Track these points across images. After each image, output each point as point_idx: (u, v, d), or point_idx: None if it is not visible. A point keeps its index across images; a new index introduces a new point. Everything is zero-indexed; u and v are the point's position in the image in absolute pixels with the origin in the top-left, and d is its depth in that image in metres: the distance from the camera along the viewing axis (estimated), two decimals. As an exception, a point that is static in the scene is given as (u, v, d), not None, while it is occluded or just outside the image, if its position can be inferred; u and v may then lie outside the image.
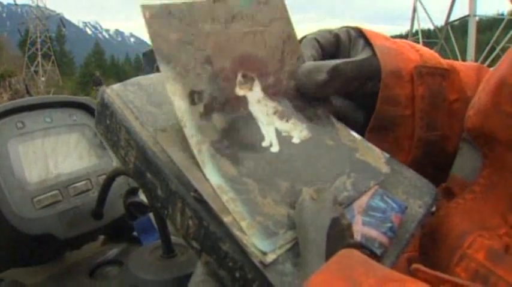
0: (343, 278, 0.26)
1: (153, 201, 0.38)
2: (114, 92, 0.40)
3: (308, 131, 0.42)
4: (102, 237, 0.74)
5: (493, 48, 21.04)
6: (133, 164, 0.39)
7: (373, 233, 0.37)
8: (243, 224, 0.32)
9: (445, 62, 0.50)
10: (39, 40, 55.50)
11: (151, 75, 0.43)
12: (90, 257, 0.68)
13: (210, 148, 0.35)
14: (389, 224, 0.38)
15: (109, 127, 0.40)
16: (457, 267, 0.39)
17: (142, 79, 0.43)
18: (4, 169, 0.56)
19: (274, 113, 0.41)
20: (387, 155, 0.44)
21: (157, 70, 0.39)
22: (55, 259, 0.67)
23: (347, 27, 0.51)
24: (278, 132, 0.40)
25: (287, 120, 0.41)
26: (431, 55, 0.49)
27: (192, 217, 0.34)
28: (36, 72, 50.54)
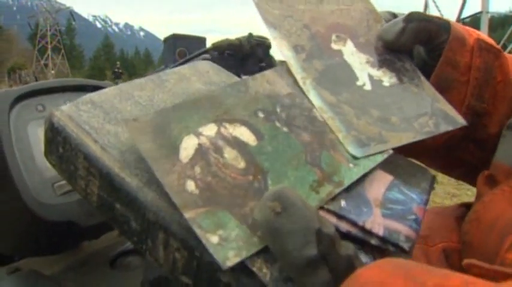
0: (401, 276, 0.24)
1: (127, 236, 0.33)
2: (64, 114, 0.36)
3: (396, 78, 0.47)
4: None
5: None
6: (97, 195, 0.34)
7: (397, 225, 0.34)
8: (340, 135, 0.39)
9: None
10: (49, 33, 55.84)
11: (105, 90, 0.39)
12: (109, 247, 0.66)
13: (312, 82, 0.42)
14: (413, 216, 0.35)
15: (63, 156, 0.36)
16: (508, 253, 0.37)
17: (94, 96, 0.38)
18: (24, 152, 0.54)
19: (367, 62, 0.47)
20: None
21: (179, 56, 0.37)
22: (73, 249, 0.64)
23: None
24: (370, 76, 0.46)
25: (378, 69, 0.47)
26: (486, 37, 0.52)
27: (180, 249, 0.30)
28: (46, 65, 50.88)
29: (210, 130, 0.35)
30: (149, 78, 0.42)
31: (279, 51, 0.44)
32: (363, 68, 0.46)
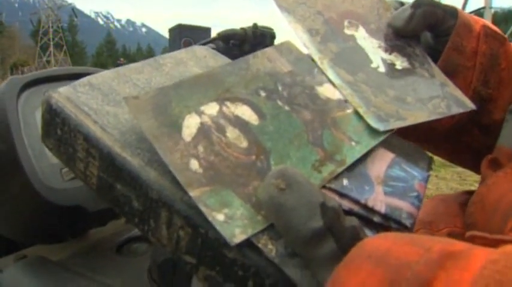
0: (407, 243, 0.24)
1: (128, 217, 0.33)
2: (62, 95, 0.35)
3: (408, 63, 0.48)
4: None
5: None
6: (97, 177, 0.34)
7: (399, 202, 0.34)
8: (360, 110, 0.40)
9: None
10: (51, 30, 55.85)
11: (102, 73, 0.39)
12: (116, 233, 0.66)
13: (329, 62, 0.44)
14: (414, 193, 0.36)
15: (61, 139, 0.35)
16: (511, 232, 0.38)
17: (92, 78, 0.38)
18: (32, 138, 0.54)
19: (379, 47, 0.49)
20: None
21: (184, 46, 0.38)
22: (80, 236, 0.65)
23: None
24: (383, 60, 0.47)
25: (390, 53, 0.48)
26: (492, 25, 0.53)
27: (184, 226, 0.30)
28: (48, 61, 50.91)
29: (211, 109, 0.35)
30: (146, 62, 0.42)
31: (294, 34, 0.45)
32: (376, 52, 0.48)
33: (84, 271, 0.57)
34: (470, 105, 0.47)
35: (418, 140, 0.54)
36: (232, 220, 0.29)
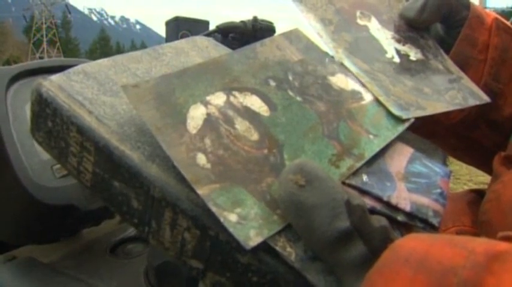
0: (446, 245, 0.22)
1: (126, 217, 0.30)
2: (54, 84, 0.33)
3: (421, 54, 0.48)
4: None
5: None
6: (92, 173, 0.31)
7: (424, 200, 0.32)
8: (381, 98, 0.39)
9: None
10: (44, 26, 55.56)
11: (98, 61, 0.37)
12: (110, 233, 0.64)
13: (344, 51, 0.43)
14: (438, 190, 0.34)
15: (52, 131, 0.33)
16: None
17: (86, 66, 0.35)
18: (22, 133, 0.52)
19: (392, 38, 0.48)
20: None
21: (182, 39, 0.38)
22: (72, 236, 0.62)
23: None
24: (397, 51, 0.47)
25: (403, 44, 0.48)
26: (503, 19, 0.53)
27: (190, 228, 0.27)
28: (41, 58, 50.62)
29: (218, 99, 0.32)
30: (145, 52, 0.40)
31: (307, 23, 0.45)
32: (390, 43, 0.48)
33: (76, 273, 0.54)
34: (485, 98, 0.46)
35: (424, 134, 0.54)
36: (246, 221, 0.26)
